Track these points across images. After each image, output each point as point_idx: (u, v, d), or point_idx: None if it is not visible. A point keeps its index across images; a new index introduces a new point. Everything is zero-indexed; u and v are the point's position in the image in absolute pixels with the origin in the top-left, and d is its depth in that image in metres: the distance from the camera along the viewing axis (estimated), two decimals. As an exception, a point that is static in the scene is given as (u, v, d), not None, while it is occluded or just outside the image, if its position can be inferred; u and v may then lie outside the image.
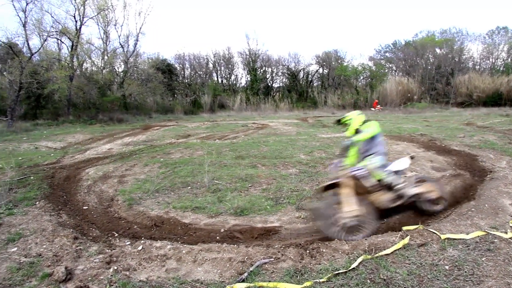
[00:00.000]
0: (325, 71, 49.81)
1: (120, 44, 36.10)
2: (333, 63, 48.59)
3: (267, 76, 49.36)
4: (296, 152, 12.08)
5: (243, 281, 4.11)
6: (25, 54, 27.71)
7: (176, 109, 39.17)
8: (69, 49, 31.09)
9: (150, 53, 53.99)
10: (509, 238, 4.85)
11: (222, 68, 49.58)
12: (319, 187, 6.56)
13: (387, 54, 50.66)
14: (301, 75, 49.82)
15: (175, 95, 43.55)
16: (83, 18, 30.01)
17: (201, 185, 8.33)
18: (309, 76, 50.12)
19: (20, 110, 27.67)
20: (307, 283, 3.98)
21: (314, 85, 50.64)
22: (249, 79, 47.88)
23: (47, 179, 9.41)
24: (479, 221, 5.56)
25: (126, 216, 6.78)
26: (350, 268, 4.21)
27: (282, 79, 50.76)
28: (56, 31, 29.37)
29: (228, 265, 4.54)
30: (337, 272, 4.16)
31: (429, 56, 44.23)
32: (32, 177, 9.46)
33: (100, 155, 13.17)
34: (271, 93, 48.36)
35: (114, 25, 35.45)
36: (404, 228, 5.35)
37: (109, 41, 35.88)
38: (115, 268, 4.48)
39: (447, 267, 4.18)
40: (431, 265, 4.24)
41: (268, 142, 14.45)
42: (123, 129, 22.87)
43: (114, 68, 37.29)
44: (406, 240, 4.82)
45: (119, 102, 34.01)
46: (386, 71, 48.18)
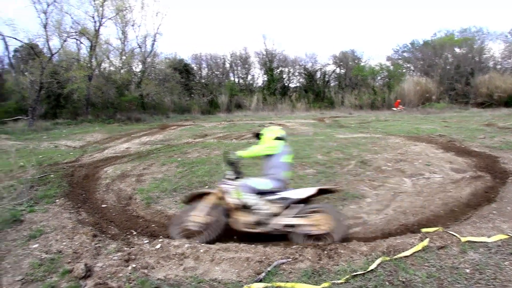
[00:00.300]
0: (342, 71, 49.45)
1: (137, 44, 36.43)
2: (350, 63, 48.20)
3: (284, 76, 49.13)
4: (313, 152, 12.00)
5: (260, 281, 4.11)
6: (45, 54, 28.16)
7: (193, 109, 39.28)
8: (88, 49, 31.49)
9: (167, 53, 54.19)
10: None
11: (239, 68, 49.59)
12: (188, 195, 6.44)
13: (405, 54, 50.06)
14: (318, 75, 49.47)
15: (192, 95, 43.69)
16: (102, 18, 30.39)
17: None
18: (326, 76, 49.77)
19: (40, 110, 28.10)
20: (324, 284, 3.95)
21: (331, 85, 50.21)
22: (265, 79, 47.77)
23: (66, 177, 9.53)
24: (501, 224, 5.47)
25: (144, 214, 6.83)
26: (368, 270, 4.17)
27: (299, 79, 50.50)
28: (76, 31, 29.79)
29: (245, 264, 4.53)
30: (355, 273, 4.13)
31: (448, 55, 43.55)
32: (52, 175, 9.59)
33: (118, 154, 13.29)
34: (288, 93, 48.07)
35: (132, 25, 35.76)
36: (424, 230, 5.29)
37: (127, 41, 36.19)
38: (134, 266, 4.51)
39: (468, 270, 4.11)
40: (451, 268, 4.17)
41: (285, 142, 14.37)
42: (140, 129, 23.05)
43: (132, 68, 37.58)
44: (425, 242, 4.75)
45: (137, 102, 34.30)
46: (404, 71, 47.52)
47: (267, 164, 5.84)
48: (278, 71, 47.99)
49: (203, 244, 5.17)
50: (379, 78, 48.05)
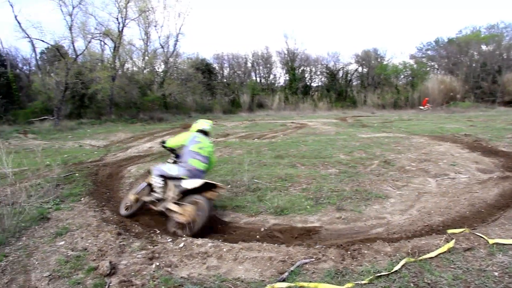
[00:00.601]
0: (365, 70, 49.02)
1: (160, 45, 36.77)
2: (372, 61, 47.74)
3: (306, 75, 48.95)
4: (335, 152, 11.94)
5: (283, 280, 4.09)
6: (70, 55, 28.67)
7: (215, 108, 39.42)
8: (112, 50, 31.97)
9: (189, 53, 54.57)
10: None
11: (261, 67, 49.50)
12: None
13: (429, 52, 49.37)
14: (340, 74, 49.15)
15: (214, 95, 43.87)
16: (125, 20, 30.80)
17: (241, 184, 8.36)
18: (348, 75, 49.38)
19: (65, 110, 28.64)
20: (348, 285, 3.91)
21: (353, 84, 49.84)
22: (287, 78, 47.62)
23: (91, 176, 9.68)
24: (530, 226, 5.34)
25: (168, 213, 6.89)
26: (393, 271, 4.10)
27: (321, 78, 50.24)
28: (100, 33, 30.28)
29: (268, 264, 4.53)
30: (379, 274, 4.07)
31: (474, 53, 42.68)
32: (77, 174, 9.76)
33: (141, 153, 13.45)
34: (310, 92, 47.87)
35: (155, 26, 36.13)
36: (449, 231, 5.19)
37: (149, 41, 36.59)
38: (157, 264, 4.54)
39: (496, 273, 4.01)
40: (478, 270, 4.07)
41: (307, 142, 14.37)
42: (163, 128, 23.28)
43: (155, 68, 37.96)
44: (451, 244, 4.66)
45: (159, 102, 34.62)
46: (428, 69, 46.83)
47: (181, 153, 6.50)
48: (300, 70, 47.83)
49: (226, 243, 5.19)
50: (402, 77, 47.45)
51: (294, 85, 45.40)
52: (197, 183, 5.82)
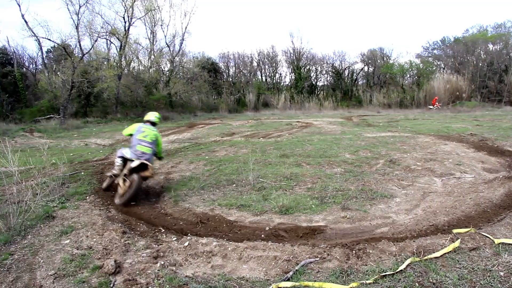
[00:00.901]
0: (371, 69, 48.94)
1: (166, 44, 36.95)
2: (378, 61, 47.65)
3: (312, 74, 48.95)
4: (341, 151, 11.92)
5: (288, 279, 4.08)
6: (76, 54, 28.80)
7: (221, 107, 39.50)
8: (118, 49, 32.14)
9: (195, 52, 54.88)
10: None
11: (266, 66, 49.59)
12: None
13: (435, 51, 49.11)
14: (346, 73, 49.13)
15: (219, 94, 43.93)
16: (131, 18, 30.92)
17: (246, 183, 8.36)
18: (354, 74, 49.37)
19: (71, 108, 28.83)
20: (353, 284, 3.90)
21: (359, 83, 49.79)
22: (293, 77, 47.66)
23: (96, 174, 9.74)
24: (537, 226, 5.30)
25: (172, 212, 6.89)
26: (398, 270, 4.09)
27: (327, 77, 50.30)
28: (106, 32, 30.46)
29: (273, 263, 4.52)
30: (384, 274, 4.05)
31: (481, 52, 42.44)
32: (82, 173, 9.82)
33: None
34: (316, 91, 47.84)
35: (161, 25, 36.37)
36: (455, 231, 5.16)
37: (155, 40, 36.79)
38: (162, 263, 4.55)
39: (502, 273, 3.98)
40: (484, 270, 4.04)
41: (312, 141, 14.35)
42: (168, 127, 23.35)
43: (160, 67, 38.16)
44: (456, 244, 4.64)
45: (165, 101, 34.76)
46: (434, 68, 46.60)
47: (131, 140, 7.89)
48: (306, 69, 47.80)
49: (230, 242, 5.19)
50: (408, 76, 47.28)
51: (299, 84, 45.38)
52: (136, 163, 7.28)
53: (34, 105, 30.77)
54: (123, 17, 30.46)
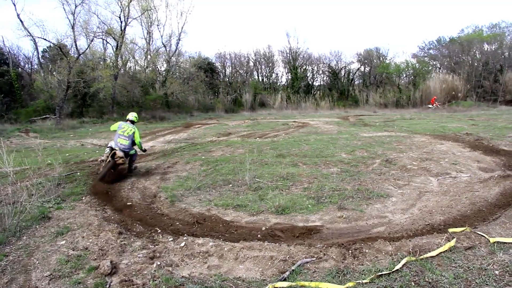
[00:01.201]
0: (367, 69, 49.03)
1: (162, 44, 36.93)
2: (374, 60, 47.75)
3: (308, 74, 48.98)
4: (337, 151, 11.94)
5: (284, 279, 4.08)
6: (72, 54, 28.70)
7: (217, 107, 39.51)
8: (114, 49, 32.04)
9: (191, 52, 54.81)
10: None
11: (263, 66, 49.58)
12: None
13: (431, 51, 49.33)
14: (342, 73, 49.23)
15: (216, 94, 43.90)
16: (127, 18, 30.84)
17: (242, 183, 8.36)
18: (351, 74, 49.47)
19: (67, 108, 28.72)
20: (349, 284, 3.90)
21: (356, 83, 49.88)
22: (289, 77, 47.70)
23: (92, 175, 9.71)
24: (532, 225, 5.32)
25: (169, 212, 6.87)
26: (394, 270, 4.10)
27: (323, 77, 50.37)
28: (102, 31, 30.39)
29: (269, 263, 4.52)
30: (380, 273, 4.06)
31: (476, 52, 42.59)
32: (78, 173, 9.80)
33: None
34: (312, 91, 47.87)
35: (157, 25, 36.32)
36: (450, 230, 5.18)
37: (152, 40, 36.73)
38: (158, 263, 4.54)
39: (497, 272, 3.99)
40: (479, 269, 4.06)
41: (309, 141, 14.38)
42: (165, 127, 23.32)
43: (157, 67, 38.09)
44: (452, 243, 4.66)
45: (161, 101, 34.71)
46: (430, 68, 46.74)
47: (115, 134, 9.68)
48: (302, 69, 47.83)
49: (227, 243, 5.18)
50: (404, 76, 47.40)
51: (296, 84, 45.41)
52: (111, 151, 9.17)
53: (29, 105, 30.59)
54: (119, 17, 30.46)
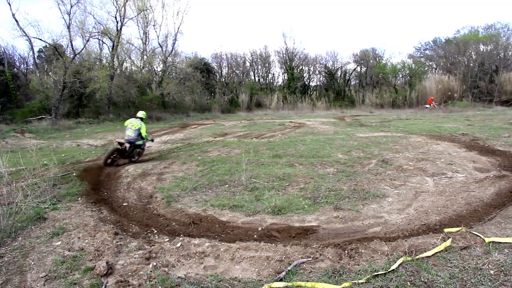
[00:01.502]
0: (363, 69, 49.11)
1: (159, 44, 36.90)
2: (371, 61, 47.84)
3: (304, 74, 49.02)
4: (333, 151, 11.96)
5: (281, 280, 4.08)
6: (68, 54, 28.61)
7: (214, 107, 39.43)
8: (110, 49, 31.95)
9: (188, 52, 54.67)
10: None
11: (259, 67, 49.59)
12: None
13: (427, 52, 49.44)
14: (338, 73, 49.28)
15: (212, 94, 43.88)
16: (123, 19, 30.76)
17: (238, 184, 8.36)
18: (347, 74, 49.55)
19: (63, 109, 28.60)
20: (345, 284, 3.91)
21: (352, 83, 50.03)
22: (286, 78, 47.72)
23: (89, 175, 9.66)
24: (526, 225, 5.34)
25: (165, 213, 6.87)
26: (390, 270, 4.11)
27: (320, 77, 50.42)
28: (98, 32, 30.29)
29: (266, 263, 4.52)
30: (376, 273, 4.07)
31: (472, 53, 42.74)
32: (74, 174, 9.75)
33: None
34: (308, 92, 47.87)
35: (153, 25, 36.26)
36: (446, 230, 5.20)
37: (148, 41, 36.67)
38: (154, 264, 4.54)
39: (492, 271, 4.01)
40: (474, 269, 4.07)
41: (305, 141, 14.39)
42: (161, 128, 23.27)
43: (153, 68, 38.07)
44: (448, 243, 4.67)
45: (158, 101, 34.67)
46: (426, 69, 46.86)
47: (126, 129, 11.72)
48: (299, 69, 47.85)
49: (223, 243, 5.18)
50: (400, 76, 47.54)
51: (292, 84, 45.43)
52: (119, 142, 11.26)
53: (25, 105, 30.42)
54: (115, 17, 30.33)
